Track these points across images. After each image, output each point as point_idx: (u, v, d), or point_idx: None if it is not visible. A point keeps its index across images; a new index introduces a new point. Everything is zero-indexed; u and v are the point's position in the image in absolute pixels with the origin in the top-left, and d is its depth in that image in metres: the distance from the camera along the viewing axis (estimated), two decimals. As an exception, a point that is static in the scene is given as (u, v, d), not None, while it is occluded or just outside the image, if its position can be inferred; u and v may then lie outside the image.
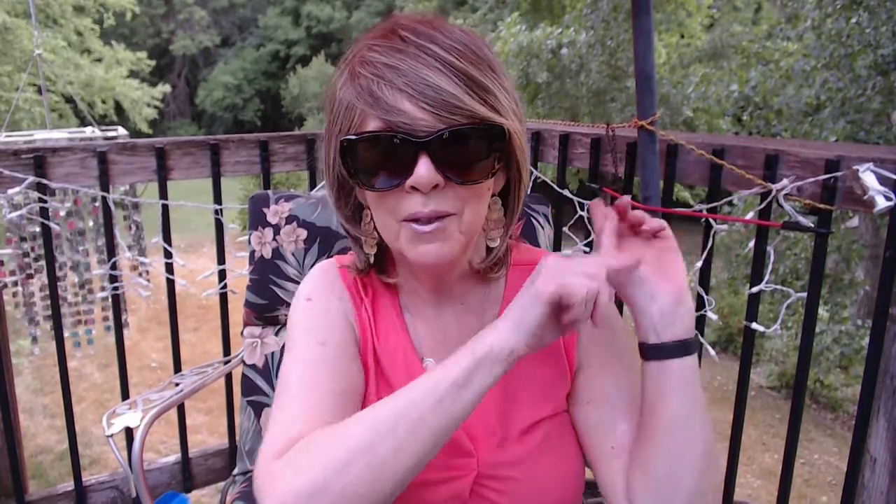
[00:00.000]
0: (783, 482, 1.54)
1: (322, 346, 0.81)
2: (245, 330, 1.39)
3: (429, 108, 0.68)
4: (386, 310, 0.87)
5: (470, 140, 0.71)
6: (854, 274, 6.39)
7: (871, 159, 1.27)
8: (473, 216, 0.75)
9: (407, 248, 0.75)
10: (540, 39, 9.65)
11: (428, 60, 0.69)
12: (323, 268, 0.90)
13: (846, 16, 6.10)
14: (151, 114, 14.38)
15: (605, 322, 0.82)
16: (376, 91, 0.69)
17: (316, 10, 23.20)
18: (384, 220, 0.76)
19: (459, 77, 0.69)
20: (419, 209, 0.71)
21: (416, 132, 0.69)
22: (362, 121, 0.72)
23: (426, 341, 0.86)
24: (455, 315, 0.86)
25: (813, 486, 5.55)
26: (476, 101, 0.70)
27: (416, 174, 0.69)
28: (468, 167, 0.72)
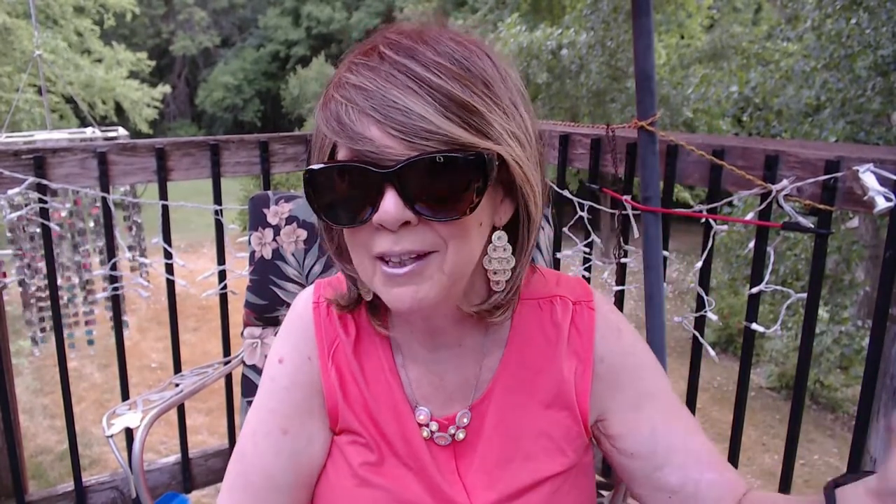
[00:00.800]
0: (783, 482, 1.54)
1: (284, 435, 0.77)
2: (245, 330, 1.39)
3: (397, 133, 0.59)
4: (374, 351, 0.78)
5: (445, 169, 0.60)
6: (854, 274, 6.39)
7: (871, 160, 1.27)
8: (459, 255, 0.64)
9: (381, 291, 0.66)
10: (540, 40, 9.66)
11: (399, 79, 0.60)
12: (297, 312, 0.82)
13: (846, 16, 6.10)
14: (151, 114, 14.39)
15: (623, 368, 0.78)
16: (343, 117, 0.61)
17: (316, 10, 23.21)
18: (358, 257, 0.67)
19: (436, 97, 0.59)
20: (389, 247, 0.62)
21: (382, 161, 0.60)
22: (332, 151, 0.65)
23: (420, 387, 0.77)
24: (452, 358, 0.77)
25: (813, 487, 5.55)
26: (455, 125, 0.60)
27: (382, 210, 0.60)
28: (445, 201, 0.61)
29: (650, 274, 1.60)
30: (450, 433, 0.76)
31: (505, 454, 0.76)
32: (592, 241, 1.88)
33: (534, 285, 0.79)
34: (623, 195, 1.69)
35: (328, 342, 0.79)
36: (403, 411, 0.76)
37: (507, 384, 0.77)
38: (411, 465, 0.76)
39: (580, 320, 0.78)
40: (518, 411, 0.76)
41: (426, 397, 0.77)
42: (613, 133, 1.73)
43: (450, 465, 0.76)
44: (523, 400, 0.76)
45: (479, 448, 0.76)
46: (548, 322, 0.78)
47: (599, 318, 0.79)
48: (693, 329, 1.66)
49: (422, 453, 0.76)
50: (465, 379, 0.77)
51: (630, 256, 1.79)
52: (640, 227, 1.65)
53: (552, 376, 0.77)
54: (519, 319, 0.78)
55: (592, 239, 1.88)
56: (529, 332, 0.78)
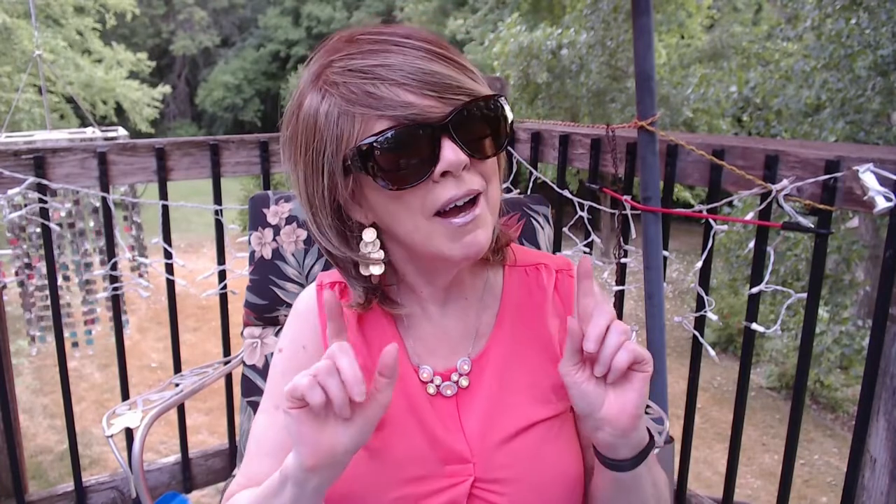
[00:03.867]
0: (783, 482, 1.54)
1: (276, 410, 0.84)
2: (245, 330, 1.39)
3: (433, 93, 0.68)
4: (378, 320, 0.85)
5: (480, 116, 0.71)
6: (854, 274, 6.39)
7: (870, 160, 1.27)
8: (496, 192, 0.76)
9: (446, 246, 0.73)
10: (540, 40, 9.65)
11: (412, 52, 0.69)
12: (301, 302, 0.89)
13: (846, 16, 6.10)
14: (152, 114, 14.38)
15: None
16: (374, 91, 0.68)
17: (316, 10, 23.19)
18: (410, 222, 0.73)
19: (445, 60, 0.70)
20: (454, 192, 0.70)
21: (430, 119, 0.68)
22: (365, 126, 0.69)
23: (423, 347, 0.84)
24: (458, 310, 0.85)
25: (813, 487, 5.55)
26: (469, 80, 0.71)
27: (445, 158, 0.69)
28: (485, 142, 0.73)
29: (650, 274, 1.60)
30: (453, 381, 0.83)
31: (501, 401, 0.82)
32: (592, 241, 1.88)
33: (521, 255, 0.90)
34: (623, 195, 1.69)
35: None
36: (407, 374, 0.83)
37: (503, 337, 0.85)
38: (414, 423, 0.81)
39: (562, 286, 0.88)
40: (512, 362, 0.84)
41: (429, 353, 0.84)
42: (613, 133, 1.73)
43: (453, 414, 0.82)
44: (517, 352, 0.84)
45: (478, 396, 0.83)
46: (534, 285, 0.88)
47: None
48: (693, 329, 1.66)
49: (424, 410, 0.81)
50: (465, 331, 0.85)
51: (630, 256, 1.79)
52: (640, 227, 1.65)
53: (540, 333, 0.85)
54: (510, 282, 0.87)
55: (592, 239, 1.88)
56: (519, 293, 0.87)
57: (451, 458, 0.80)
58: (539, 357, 0.84)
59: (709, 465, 5.41)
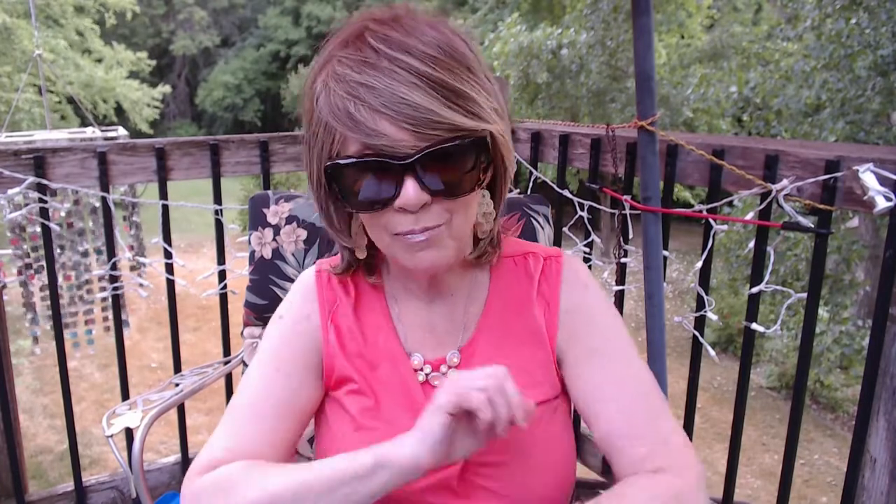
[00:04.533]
0: (783, 482, 1.54)
1: (276, 373, 0.85)
2: (245, 330, 1.39)
3: (409, 127, 0.67)
4: (372, 309, 0.88)
5: (454, 155, 0.70)
6: (854, 274, 6.39)
7: (870, 160, 1.27)
8: (462, 222, 0.76)
9: (403, 258, 0.76)
10: (540, 40, 9.65)
11: (402, 76, 0.67)
12: (301, 280, 0.92)
13: (846, 16, 6.10)
14: (152, 114, 14.37)
15: (577, 340, 0.85)
16: (354, 114, 0.68)
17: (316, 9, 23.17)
18: (378, 235, 0.77)
19: (436, 88, 0.67)
20: (411, 226, 0.72)
21: (398, 153, 0.68)
22: (343, 143, 0.71)
23: (414, 336, 0.87)
24: (445, 306, 0.87)
25: (813, 487, 5.55)
26: (456, 112, 0.68)
27: (404, 196, 0.69)
28: (455, 181, 0.71)
29: (650, 274, 1.60)
30: (442, 371, 0.85)
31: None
32: (592, 240, 1.88)
33: (510, 246, 0.91)
34: (623, 195, 1.69)
35: (328, 304, 0.88)
36: (400, 358, 0.85)
37: (490, 327, 0.86)
38: (408, 406, 0.83)
39: (549, 271, 0.88)
40: (500, 349, 0.85)
41: (420, 342, 0.87)
42: (613, 133, 1.73)
43: None
44: (504, 339, 0.86)
45: None
46: (522, 274, 0.88)
47: (567, 271, 0.88)
48: (693, 329, 1.66)
49: (417, 394, 0.84)
50: (453, 324, 0.87)
51: (630, 256, 1.79)
52: (640, 227, 1.65)
53: (527, 319, 0.86)
54: (497, 272, 0.89)
55: (592, 239, 1.88)
56: (507, 283, 0.88)
57: None
58: (527, 343, 0.86)
59: (709, 465, 5.39)
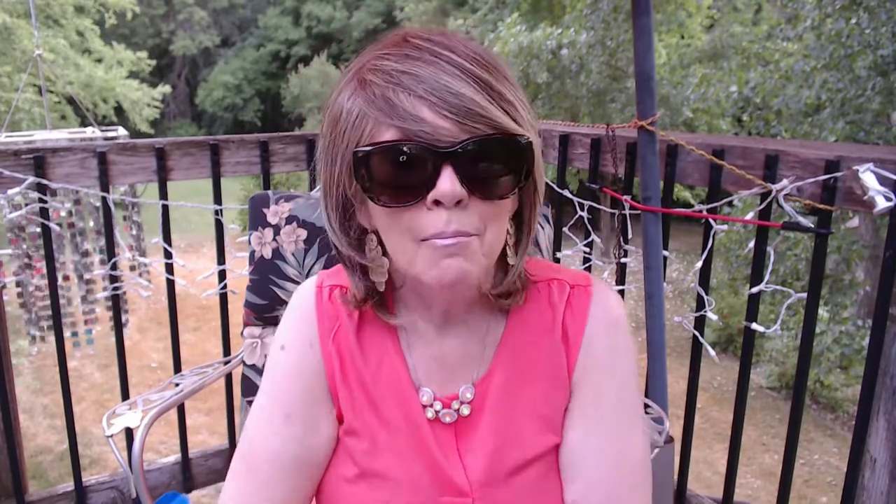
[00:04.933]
0: (783, 482, 1.54)
1: (287, 420, 0.78)
2: (245, 330, 1.38)
3: (451, 115, 0.63)
4: (378, 332, 0.80)
5: (496, 152, 0.66)
6: (854, 274, 6.39)
7: (870, 160, 1.27)
8: (495, 237, 0.69)
9: (425, 269, 0.68)
10: (540, 40, 9.65)
11: (446, 67, 0.64)
12: (300, 297, 0.84)
13: (846, 16, 6.10)
14: (152, 114, 14.37)
15: (598, 368, 0.77)
16: (392, 98, 0.64)
17: (316, 9, 23.18)
18: (398, 241, 0.69)
19: (480, 84, 0.64)
20: (441, 227, 0.65)
21: (438, 142, 0.63)
22: (376, 131, 0.66)
23: (424, 368, 0.79)
24: (458, 338, 0.79)
25: (813, 487, 5.55)
26: (499, 112, 0.65)
27: (440, 187, 0.63)
28: (493, 181, 0.66)
29: (650, 274, 1.60)
30: (454, 409, 0.78)
31: (503, 432, 0.77)
32: (592, 240, 1.88)
33: (533, 270, 0.81)
34: (623, 195, 1.69)
35: (329, 324, 0.81)
36: (408, 394, 0.78)
37: (508, 362, 0.78)
38: (413, 446, 0.77)
39: (576, 302, 0.79)
40: (517, 389, 0.78)
41: (429, 377, 0.79)
42: (613, 133, 1.73)
43: (451, 443, 0.77)
44: (522, 378, 0.78)
45: (480, 425, 0.77)
46: (545, 303, 0.79)
47: (596, 305, 0.79)
48: (693, 329, 1.66)
49: (424, 434, 0.77)
50: (468, 357, 0.79)
51: (630, 256, 1.79)
52: (640, 227, 1.65)
53: (549, 356, 0.78)
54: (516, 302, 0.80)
55: (592, 239, 1.88)
56: (527, 313, 0.79)
57: (449, 489, 0.76)
58: (546, 381, 0.78)
59: (709, 465, 5.41)
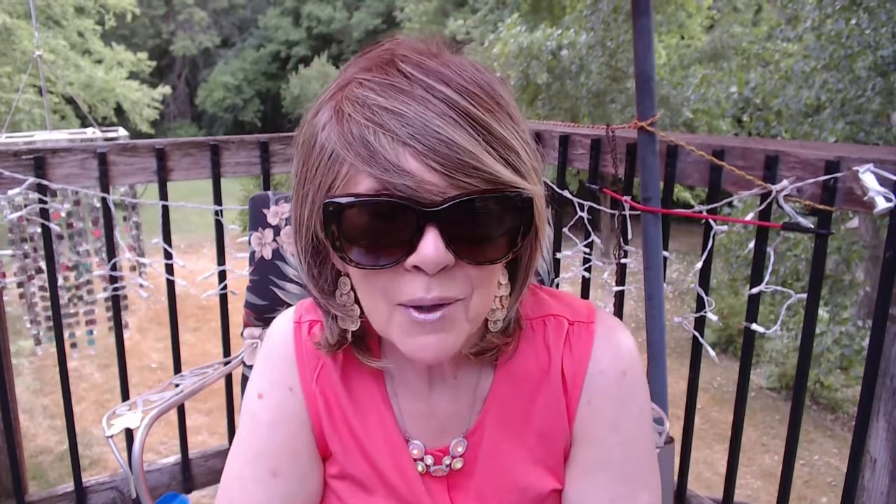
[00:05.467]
0: (783, 483, 1.54)
1: (274, 479, 0.72)
2: (245, 331, 1.38)
3: (439, 168, 0.54)
4: (364, 379, 0.73)
5: (490, 211, 0.57)
6: (854, 275, 6.39)
7: (871, 160, 1.27)
8: (482, 300, 0.62)
9: (401, 339, 0.61)
10: (540, 41, 9.65)
11: (438, 106, 0.55)
12: (276, 337, 0.76)
13: (846, 17, 6.10)
14: (152, 115, 14.38)
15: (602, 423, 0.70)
16: (373, 142, 0.54)
17: (316, 10, 23.19)
18: (373, 302, 0.62)
19: (477, 130, 0.55)
20: (421, 295, 0.58)
21: (422, 198, 0.55)
22: (351, 177, 0.57)
23: (412, 420, 0.73)
24: (447, 391, 0.72)
25: (813, 487, 5.55)
26: (498, 162, 0.56)
27: (422, 252, 0.55)
28: (485, 244, 0.58)
29: (650, 274, 1.60)
30: (445, 464, 0.73)
31: (496, 482, 0.73)
32: (592, 241, 1.88)
33: (527, 307, 0.73)
34: (623, 195, 1.69)
35: (311, 364, 0.74)
36: (398, 445, 0.73)
37: (499, 412, 0.72)
38: (405, 500, 0.73)
39: (576, 341, 0.71)
40: (511, 440, 0.72)
41: (418, 429, 0.73)
42: (613, 133, 1.73)
43: (444, 497, 0.73)
44: (516, 428, 0.72)
45: (474, 478, 0.73)
46: (540, 344, 0.72)
47: (600, 346, 0.71)
48: (693, 329, 1.66)
49: (416, 487, 0.73)
50: (457, 407, 0.73)
51: (630, 256, 1.79)
52: (640, 227, 1.65)
53: (545, 403, 0.71)
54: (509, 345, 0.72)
55: (592, 239, 1.88)
56: (519, 359, 0.72)
57: None
58: (541, 429, 0.72)
59: (709, 466, 5.41)
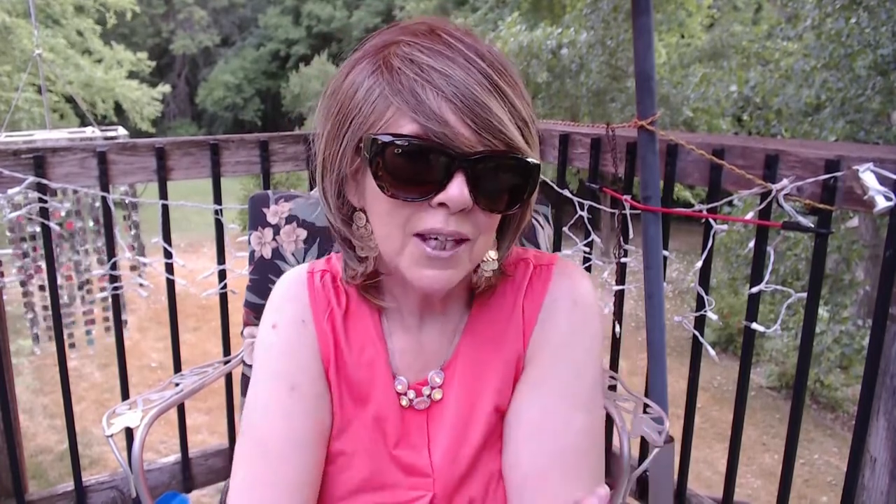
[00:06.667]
0: (783, 482, 1.54)
1: (292, 393, 0.77)
2: (245, 330, 1.38)
3: (473, 125, 0.64)
4: (363, 319, 0.82)
5: (506, 169, 0.68)
6: (854, 274, 6.39)
7: (871, 159, 1.27)
8: (484, 245, 0.72)
9: (409, 268, 0.70)
10: (540, 39, 9.65)
11: (476, 75, 0.65)
12: (290, 280, 0.85)
13: (846, 16, 6.10)
14: (152, 114, 14.38)
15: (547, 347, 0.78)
16: (420, 93, 0.64)
17: (316, 9, 23.19)
18: (389, 230, 0.70)
19: (504, 100, 0.66)
20: (441, 226, 0.67)
21: (456, 147, 0.64)
22: (394, 120, 0.66)
23: (401, 356, 0.81)
24: (434, 325, 0.81)
25: (813, 487, 5.55)
26: (518, 133, 0.66)
27: (449, 192, 0.65)
28: (498, 195, 0.69)
29: (650, 273, 1.60)
30: (425, 395, 0.80)
31: (464, 414, 0.78)
32: (592, 240, 1.88)
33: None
34: (623, 195, 1.69)
35: (322, 306, 0.82)
36: (386, 381, 0.80)
37: (471, 346, 0.80)
38: (382, 430, 0.79)
39: (537, 281, 0.81)
40: (479, 371, 0.79)
41: (406, 365, 0.81)
42: (613, 132, 1.73)
43: (421, 430, 0.80)
44: (483, 360, 0.80)
45: (447, 409, 0.79)
46: (509, 285, 0.81)
47: (557, 283, 0.80)
48: (693, 329, 1.66)
49: (395, 421, 0.79)
50: (441, 343, 0.81)
51: (630, 256, 1.79)
52: (640, 226, 1.65)
53: (508, 337, 0.80)
54: (484, 287, 0.81)
55: (592, 238, 1.88)
56: (492, 296, 0.81)
57: (411, 470, 0.78)
58: (502, 362, 0.79)
59: (709, 465, 5.41)
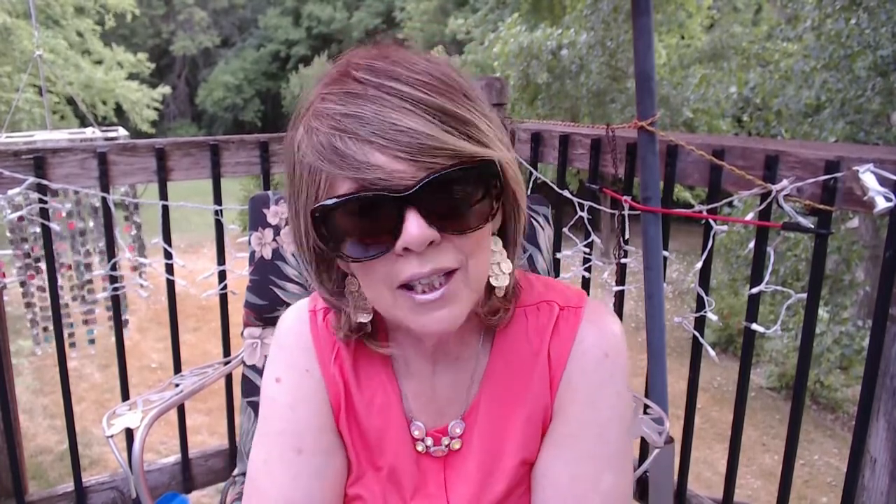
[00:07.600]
0: (783, 483, 1.54)
1: (299, 456, 0.74)
2: (245, 331, 1.39)
3: (405, 156, 0.58)
4: (373, 365, 0.78)
5: (461, 183, 0.61)
6: (854, 274, 6.39)
7: (870, 160, 1.27)
8: (479, 266, 0.66)
9: (408, 318, 0.66)
10: (540, 40, 9.65)
11: (391, 101, 0.59)
12: (291, 321, 0.80)
13: (846, 17, 6.10)
14: (152, 115, 14.38)
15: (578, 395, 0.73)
16: (340, 147, 0.59)
17: (316, 10, 23.20)
18: (376, 290, 0.66)
19: (432, 113, 0.59)
20: (417, 270, 0.62)
21: (395, 186, 0.59)
22: (330, 184, 0.62)
23: (415, 401, 0.77)
24: (448, 371, 0.77)
25: (813, 487, 5.55)
26: (458, 138, 0.60)
27: (407, 233, 0.60)
28: (465, 213, 0.63)
29: (650, 274, 1.60)
30: (444, 445, 0.77)
31: (487, 464, 0.75)
32: (592, 241, 1.88)
33: (525, 294, 0.77)
34: (623, 195, 1.69)
35: (328, 348, 0.78)
36: (400, 425, 0.77)
37: (492, 394, 0.76)
38: (396, 480, 0.76)
39: (564, 325, 0.74)
40: (502, 423, 0.75)
41: (420, 410, 0.77)
42: (613, 133, 1.73)
43: (438, 478, 0.77)
44: (507, 411, 0.75)
45: (468, 459, 0.76)
46: (532, 329, 0.75)
47: (586, 329, 0.74)
48: (693, 329, 1.66)
49: (410, 468, 0.76)
50: (457, 391, 0.77)
51: (630, 256, 1.79)
52: (640, 227, 1.65)
53: (533, 385, 0.74)
54: (503, 327, 0.76)
55: (592, 239, 1.88)
56: (512, 341, 0.76)
57: None
58: (528, 411, 0.75)
59: (709, 465, 5.41)
